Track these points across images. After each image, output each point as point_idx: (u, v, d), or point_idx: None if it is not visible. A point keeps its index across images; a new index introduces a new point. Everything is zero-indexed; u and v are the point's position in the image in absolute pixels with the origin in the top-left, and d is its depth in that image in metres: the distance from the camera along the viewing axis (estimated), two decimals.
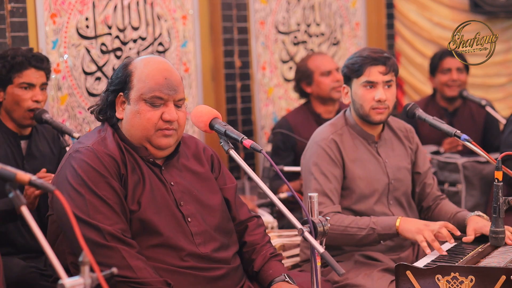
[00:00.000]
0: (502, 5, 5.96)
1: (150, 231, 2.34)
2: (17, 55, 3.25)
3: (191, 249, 2.38)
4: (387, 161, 3.09)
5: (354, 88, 3.04)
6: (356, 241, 2.91)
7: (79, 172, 2.31)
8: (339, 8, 5.55)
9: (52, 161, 3.41)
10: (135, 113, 2.39)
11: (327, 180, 2.96)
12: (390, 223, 2.85)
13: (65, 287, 1.65)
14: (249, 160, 4.82)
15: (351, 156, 3.03)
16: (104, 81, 4.12)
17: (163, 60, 2.48)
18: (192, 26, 4.59)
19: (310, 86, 4.48)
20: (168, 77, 2.41)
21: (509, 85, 6.26)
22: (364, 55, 3.00)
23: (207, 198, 2.51)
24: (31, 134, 3.37)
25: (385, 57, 3.00)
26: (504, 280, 2.32)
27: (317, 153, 3.02)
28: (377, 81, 2.99)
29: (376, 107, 2.99)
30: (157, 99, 2.38)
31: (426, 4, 5.96)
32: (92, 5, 4.05)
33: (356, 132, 3.08)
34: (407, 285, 2.43)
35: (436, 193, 3.21)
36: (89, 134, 2.48)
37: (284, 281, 2.45)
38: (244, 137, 2.28)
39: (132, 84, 2.40)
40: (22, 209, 1.76)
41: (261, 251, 2.57)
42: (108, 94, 2.46)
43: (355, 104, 3.05)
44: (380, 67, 2.99)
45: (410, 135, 3.21)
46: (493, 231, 2.62)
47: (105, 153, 2.35)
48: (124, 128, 2.44)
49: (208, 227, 2.46)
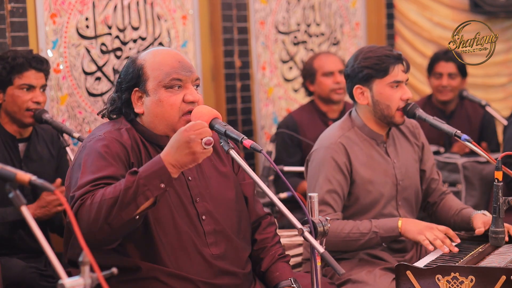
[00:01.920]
0: (502, 5, 5.95)
1: (160, 228, 2.31)
2: (17, 56, 3.26)
3: (201, 250, 2.35)
4: (396, 161, 3.06)
5: (377, 88, 2.96)
6: (358, 246, 2.90)
7: (90, 150, 2.30)
8: (339, 8, 5.54)
9: (50, 163, 3.41)
10: (157, 102, 2.37)
11: (331, 186, 2.92)
12: (392, 225, 2.84)
13: (65, 287, 1.65)
14: (249, 160, 4.82)
15: (359, 159, 2.99)
16: (104, 81, 4.12)
17: (169, 48, 2.49)
18: (192, 26, 4.59)
19: (313, 85, 4.51)
20: (180, 60, 2.41)
21: (509, 85, 6.25)
22: (386, 54, 2.94)
23: (226, 196, 2.48)
24: (30, 136, 3.37)
25: (400, 54, 2.99)
26: (504, 280, 2.32)
27: (324, 158, 2.97)
28: (402, 79, 2.97)
29: (403, 106, 2.97)
30: (176, 81, 2.37)
31: (426, 4, 5.96)
32: (92, 5, 4.05)
33: (364, 133, 3.04)
34: (407, 285, 2.43)
35: (441, 189, 3.20)
36: (102, 126, 2.46)
37: (290, 286, 2.45)
38: (244, 137, 2.28)
39: (147, 75, 2.39)
40: (22, 209, 1.76)
41: (270, 251, 2.56)
42: (121, 93, 2.44)
43: (379, 105, 2.97)
44: (401, 66, 2.97)
45: (416, 131, 3.18)
46: (493, 231, 2.62)
47: (115, 140, 2.33)
48: (146, 121, 2.41)
49: (223, 227, 2.42)
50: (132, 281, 2.31)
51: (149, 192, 2.12)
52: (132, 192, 2.10)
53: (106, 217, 2.10)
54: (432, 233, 2.75)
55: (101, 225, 2.11)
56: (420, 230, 2.77)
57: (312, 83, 4.52)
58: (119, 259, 2.30)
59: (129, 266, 2.30)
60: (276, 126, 4.81)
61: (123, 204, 2.10)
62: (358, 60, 2.98)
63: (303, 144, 4.37)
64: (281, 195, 4.00)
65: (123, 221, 2.11)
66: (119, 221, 2.11)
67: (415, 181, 3.12)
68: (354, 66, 2.99)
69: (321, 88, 4.47)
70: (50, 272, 3.08)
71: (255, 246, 2.58)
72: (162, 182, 2.12)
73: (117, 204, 2.09)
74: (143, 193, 2.10)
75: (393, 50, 2.99)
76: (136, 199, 2.10)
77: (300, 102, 5.13)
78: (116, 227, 2.12)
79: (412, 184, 3.10)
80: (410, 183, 3.09)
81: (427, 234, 2.75)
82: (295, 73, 5.22)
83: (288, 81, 5.18)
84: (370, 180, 2.99)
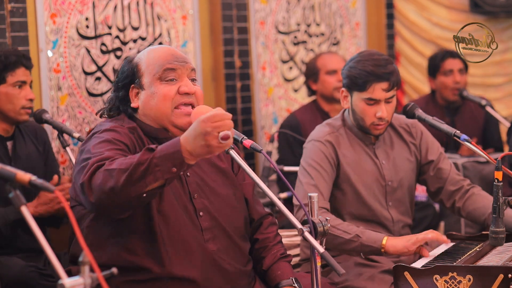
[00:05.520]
0: (502, 5, 5.95)
1: (161, 221, 2.30)
2: (9, 54, 3.29)
3: (200, 245, 2.34)
4: (384, 162, 3.07)
5: (355, 99, 2.98)
6: (337, 244, 2.84)
7: (98, 138, 2.28)
8: (339, 8, 5.55)
9: (38, 159, 3.41)
10: (151, 95, 2.37)
11: (319, 174, 2.94)
12: (377, 237, 2.79)
13: (65, 287, 1.65)
14: (249, 160, 4.82)
15: (347, 158, 3.01)
16: (104, 81, 4.12)
17: (164, 45, 2.49)
18: (192, 26, 4.59)
19: (316, 83, 4.53)
20: (173, 53, 2.41)
21: (507, 85, 6.25)
22: (368, 70, 2.90)
23: (224, 193, 2.47)
24: (13, 134, 3.36)
25: (389, 72, 2.92)
26: (502, 278, 2.32)
27: (312, 150, 3.01)
28: (380, 98, 2.93)
29: (377, 123, 2.96)
30: (169, 71, 2.37)
31: (426, 4, 5.96)
32: (92, 5, 4.05)
33: (353, 134, 3.06)
34: (405, 286, 2.43)
35: (456, 177, 3.10)
36: (104, 122, 2.46)
37: (291, 286, 2.45)
38: (244, 137, 2.28)
39: (142, 71, 2.40)
40: (22, 209, 1.76)
41: (271, 250, 2.55)
42: (118, 92, 2.45)
43: (355, 115, 3.00)
44: (383, 84, 2.92)
45: (413, 130, 3.16)
46: (493, 231, 2.62)
47: (121, 131, 2.33)
48: (142, 114, 2.41)
49: (220, 223, 2.42)
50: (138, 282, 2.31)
51: (159, 173, 2.06)
52: (143, 169, 2.04)
53: (113, 186, 2.06)
54: (414, 246, 2.71)
55: (108, 193, 2.07)
56: (404, 246, 2.72)
57: (315, 81, 4.53)
58: (125, 259, 2.30)
59: (135, 267, 2.30)
60: (277, 126, 4.81)
61: (131, 179, 2.05)
62: (348, 65, 3.01)
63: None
64: (281, 195, 4.00)
65: (129, 196, 2.07)
66: (125, 195, 2.07)
67: (408, 181, 3.11)
68: (344, 69, 3.04)
69: (325, 87, 4.49)
70: (49, 271, 3.08)
71: (256, 245, 2.57)
72: (175, 166, 2.06)
73: (126, 176, 2.04)
74: (153, 173, 2.05)
75: (382, 66, 2.92)
76: (146, 177, 2.05)
77: (300, 102, 5.13)
78: (123, 199, 2.08)
79: (404, 185, 3.09)
80: (401, 184, 3.08)
81: (410, 248, 2.71)
82: (295, 73, 5.22)
83: (288, 81, 5.18)
84: (356, 179, 3.00)
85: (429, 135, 3.18)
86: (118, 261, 2.27)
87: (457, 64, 4.80)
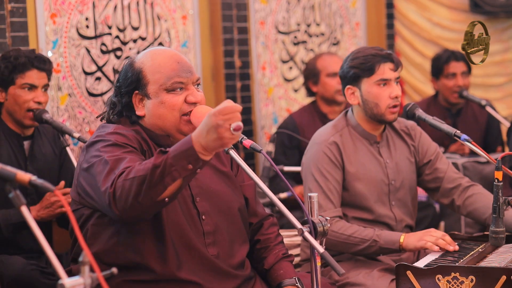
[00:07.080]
0: (502, 5, 5.95)
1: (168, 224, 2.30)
2: (20, 55, 3.25)
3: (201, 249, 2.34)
4: (388, 161, 3.08)
5: (365, 87, 3.00)
6: (356, 251, 2.92)
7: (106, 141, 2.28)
8: (339, 8, 5.55)
9: (54, 161, 3.41)
10: (159, 104, 2.37)
11: (328, 182, 2.96)
12: (394, 238, 2.86)
13: (65, 287, 1.65)
14: (249, 160, 4.82)
15: (351, 158, 3.02)
16: (104, 81, 4.12)
17: (166, 47, 2.50)
18: (192, 26, 4.59)
19: (316, 85, 4.50)
20: (179, 61, 2.41)
21: (507, 85, 6.25)
22: (372, 53, 2.98)
23: (227, 196, 2.48)
24: (33, 134, 3.37)
25: (390, 53, 3.01)
26: (504, 280, 2.32)
27: (318, 154, 3.01)
28: (390, 78, 2.98)
29: (393, 104, 2.99)
30: (178, 84, 2.37)
31: (426, 4, 5.96)
32: (92, 5, 4.05)
33: (357, 133, 3.07)
34: (407, 285, 2.43)
35: (453, 175, 3.13)
36: (105, 124, 2.45)
37: (294, 286, 2.45)
38: (244, 137, 2.28)
39: (147, 79, 2.39)
40: (22, 209, 1.76)
41: (273, 250, 2.55)
42: (121, 97, 2.43)
43: (368, 104, 3.01)
44: (389, 64, 2.99)
45: (412, 132, 3.18)
46: (493, 231, 2.62)
47: (127, 134, 2.33)
48: (148, 122, 2.41)
49: (222, 227, 2.42)
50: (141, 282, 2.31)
51: (176, 173, 2.05)
52: (159, 172, 2.04)
53: (135, 196, 2.07)
54: (432, 235, 2.78)
55: (131, 203, 2.08)
56: (420, 237, 2.81)
57: (315, 83, 4.50)
58: (130, 259, 2.30)
59: (140, 266, 2.30)
60: (277, 126, 4.80)
61: (151, 184, 2.05)
62: (347, 61, 3.04)
63: (302, 145, 4.36)
64: (281, 195, 4.00)
65: (152, 201, 2.08)
66: (148, 201, 2.07)
67: (410, 182, 3.12)
68: (344, 67, 3.05)
69: (326, 89, 4.46)
70: (50, 270, 3.07)
71: (257, 246, 2.58)
72: (190, 163, 2.06)
73: (145, 183, 2.05)
74: (170, 174, 2.05)
75: (382, 50, 3.01)
76: (164, 179, 2.05)
77: (300, 102, 5.13)
78: (146, 205, 2.09)
79: (406, 185, 3.11)
80: (403, 184, 3.10)
81: (427, 238, 2.78)
82: (295, 73, 5.22)
83: (288, 81, 5.18)
84: (361, 178, 3.01)
85: (426, 137, 3.21)
86: (122, 260, 2.28)
87: (461, 67, 4.77)
